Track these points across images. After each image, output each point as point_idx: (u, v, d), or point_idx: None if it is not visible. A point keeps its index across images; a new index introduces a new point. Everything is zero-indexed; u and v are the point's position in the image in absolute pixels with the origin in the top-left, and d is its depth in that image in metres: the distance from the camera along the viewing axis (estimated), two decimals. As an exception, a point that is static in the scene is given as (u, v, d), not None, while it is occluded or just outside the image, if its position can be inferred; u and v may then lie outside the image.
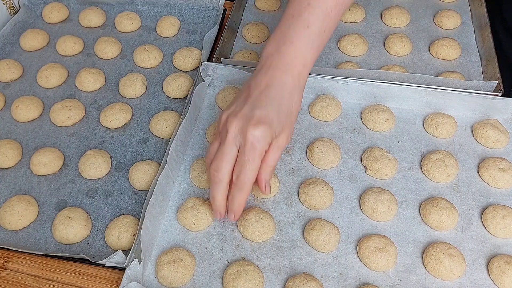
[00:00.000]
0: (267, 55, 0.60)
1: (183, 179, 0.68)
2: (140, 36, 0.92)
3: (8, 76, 0.84)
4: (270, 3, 0.95)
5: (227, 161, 0.55)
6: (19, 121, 0.78)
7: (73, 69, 0.86)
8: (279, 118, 0.56)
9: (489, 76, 0.79)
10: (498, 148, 0.70)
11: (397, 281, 0.58)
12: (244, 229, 0.61)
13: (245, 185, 0.55)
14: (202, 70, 0.78)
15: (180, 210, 0.64)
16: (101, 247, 0.63)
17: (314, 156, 0.69)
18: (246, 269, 0.57)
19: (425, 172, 0.68)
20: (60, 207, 0.67)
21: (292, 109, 0.58)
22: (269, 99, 0.56)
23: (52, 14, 0.95)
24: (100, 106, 0.80)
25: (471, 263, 0.59)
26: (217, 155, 0.56)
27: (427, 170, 0.67)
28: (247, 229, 0.61)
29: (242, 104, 0.57)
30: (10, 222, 0.64)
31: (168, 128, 0.74)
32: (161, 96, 0.81)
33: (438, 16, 0.91)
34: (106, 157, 0.71)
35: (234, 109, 0.57)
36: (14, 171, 0.71)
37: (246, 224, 0.61)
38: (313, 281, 0.56)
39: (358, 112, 0.76)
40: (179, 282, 0.58)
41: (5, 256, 0.62)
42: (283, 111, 0.56)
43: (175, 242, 0.62)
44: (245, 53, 0.85)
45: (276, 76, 0.57)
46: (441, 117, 0.72)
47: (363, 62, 0.84)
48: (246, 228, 0.61)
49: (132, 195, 0.68)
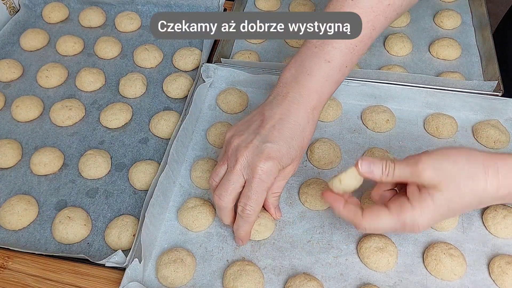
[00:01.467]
0: (285, 82, 0.59)
1: (184, 180, 0.68)
2: (140, 36, 0.92)
3: (8, 76, 0.84)
4: (270, 3, 0.95)
5: (232, 190, 0.55)
6: (19, 121, 0.78)
7: (73, 69, 0.86)
8: (289, 153, 0.55)
9: (489, 76, 0.79)
10: (499, 149, 0.70)
11: (397, 282, 0.58)
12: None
13: (250, 217, 0.56)
14: (203, 71, 0.78)
15: (180, 210, 0.64)
16: (101, 247, 0.63)
17: (315, 156, 0.69)
18: (246, 269, 0.57)
19: (425, 172, 0.67)
20: (60, 207, 0.67)
21: (303, 143, 0.57)
22: (281, 134, 0.55)
23: (52, 14, 0.94)
24: (100, 106, 0.80)
25: (472, 263, 0.59)
26: (223, 182, 0.56)
27: (428, 170, 0.67)
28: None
29: (253, 134, 0.56)
30: (10, 222, 0.64)
31: (168, 128, 0.74)
32: (161, 96, 0.81)
33: (438, 16, 0.91)
34: (106, 157, 0.71)
35: (245, 138, 0.56)
36: (14, 171, 0.71)
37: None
38: (313, 281, 0.56)
39: (359, 112, 0.76)
40: (179, 282, 0.57)
41: (5, 256, 0.62)
42: (294, 146, 0.56)
43: (175, 242, 0.62)
44: (245, 53, 0.85)
45: (291, 110, 0.56)
46: (442, 118, 0.72)
47: (363, 62, 0.84)
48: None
49: (132, 195, 0.68)
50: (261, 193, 0.54)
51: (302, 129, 0.57)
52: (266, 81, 0.78)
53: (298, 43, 0.88)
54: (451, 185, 0.48)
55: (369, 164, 0.51)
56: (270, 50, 0.88)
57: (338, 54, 0.58)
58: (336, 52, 0.57)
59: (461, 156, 0.49)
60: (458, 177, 0.48)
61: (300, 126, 0.56)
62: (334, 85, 0.59)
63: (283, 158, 0.55)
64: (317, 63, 0.57)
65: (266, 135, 0.55)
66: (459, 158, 0.49)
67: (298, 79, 0.58)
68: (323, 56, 0.57)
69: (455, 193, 0.48)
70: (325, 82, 0.58)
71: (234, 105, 0.76)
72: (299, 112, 0.56)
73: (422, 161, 0.49)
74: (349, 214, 0.53)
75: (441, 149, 0.51)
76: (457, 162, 0.49)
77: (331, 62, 0.57)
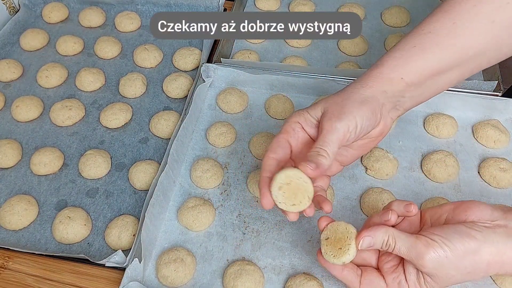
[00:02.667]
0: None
1: (184, 179, 0.68)
2: (140, 36, 0.92)
3: (8, 76, 0.84)
4: (270, 3, 0.95)
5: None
6: (19, 121, 0.78)
7: (73, 69, 0.86)
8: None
9: (489, 76, 0.79)
10: (499, 148, 0.70)
11: (397, 281, 0.58)
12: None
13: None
14: (203, 71, 0.78)
15: (180, 210, 0.64)
16: (101, 247, 0.63)
17: (315, 156, 0.69)
18: (246, 268, 0.57)
19: (425, 172, 0.68)
20: (60, 207, 0.67)
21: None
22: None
23: (52, 14, 0.94)
24: (100, 105, 0.80)
25: (471, 263, 0.59)
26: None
27: (428, 170, 0.67)
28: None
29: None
30: (10, 222, 0.64)
31: (168, 128, 0.74)
32: (161, 96, 0.81)
33: (438, 16, 0.91)
34: (106, 157, 0.71)
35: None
36: (14, 171, 0.71)
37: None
38: (313, 281, 0.56)
39: (359, 112, 0.76)
40: (180, 282, 0.58)
41: (5, 256, 0.62)
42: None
43: (175, 242, 0.62)
44: (245, 53, 0.85)
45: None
46: (442, 117, 0.72)
47: (363, 62, 0.84)
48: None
49: (132, 195, 0.68)
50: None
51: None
52: (266, 81, 0.78)
53: (298, 43, 0.88)
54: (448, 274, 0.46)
55: (369, 242, 0.48)
56: (270, 50, 0.88)
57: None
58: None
59: (468, 257, 0.45)
60: (458, 271, 0.46)
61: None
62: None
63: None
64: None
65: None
66: (465, 259, 0.45)
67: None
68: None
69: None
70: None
71: (234, 105, 0.76)
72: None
73: (429, 257, 0.45)
74: (346, 280, 0.51)
75: (453, 242, 0.45)
76: (462, 261, 0.45)
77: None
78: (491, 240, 0.45)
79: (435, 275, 0.46)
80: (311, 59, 0.85)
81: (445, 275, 0.46)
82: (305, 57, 0.85)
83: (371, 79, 0.53)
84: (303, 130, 0.54)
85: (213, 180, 0.67)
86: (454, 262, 0.45)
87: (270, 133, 0.72)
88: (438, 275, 0.46)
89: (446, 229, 0.46)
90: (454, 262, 0.45)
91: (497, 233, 0.45)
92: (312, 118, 0.53)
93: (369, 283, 0.50)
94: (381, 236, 0.48)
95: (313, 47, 0.88)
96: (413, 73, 0.53)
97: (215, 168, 0.68)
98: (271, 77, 0.77)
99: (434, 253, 0.45)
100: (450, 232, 0.46)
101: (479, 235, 0.45)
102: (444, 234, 0.45)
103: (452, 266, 0.45)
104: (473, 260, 0.45)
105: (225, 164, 0.70)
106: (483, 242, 0.45)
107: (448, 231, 0.46)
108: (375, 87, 0.53)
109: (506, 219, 0.47)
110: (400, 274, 0.49)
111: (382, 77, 0.53)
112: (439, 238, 0.45)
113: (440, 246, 0.45)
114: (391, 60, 0.53)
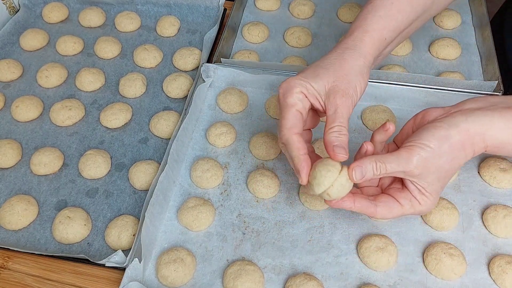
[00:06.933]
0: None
1: (184, 179, 0.68)
2: (140, 36, 0.92)
3: (8, 76, 0.84)
4: (270, 3, 0.95)
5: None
6: (19, 121, 0.78)
7: (73, 69, 0.86)
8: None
9: (489, 76, 0.79)
10: (499, 148, 0.70)
11: (398, 281, 0.58)
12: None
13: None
14: (202, 71, 0.78)
15: (180, 210, 0.64)
16: (101, 247, 0.63)
17: (315, 156, 0.69)
18: (246, 268, 0.57)
19: (425, 172, 0.68)
20: (60, 207, 0.67)
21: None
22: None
23: (52, 14, 0.94)
24: (100, 106, 0.80)
25: (472, 262, 0.59)
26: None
27: (428, 170, 0.67)
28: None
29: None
30: (10, 222, 0.64)
31: (168, 128, 0.74)
32: (161, 96, 0.81)
33: (438, 16, 0.91)
34: (106, 157, 0.71)
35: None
36: (14, 171, 0.71)
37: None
38: (313, 281, 0.56)
39: (359, 112, 0.76)
40: (180, 282, 0.58)
41: (5, 256, 0.62)
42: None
43: (175, 242, 0.62)
44: (245, 53, 0.85)
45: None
46: (442, 117, 0.72)
47: (363, 62, 0.84)
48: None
49: (132, 195, 0.68)
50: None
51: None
52: (266, 81, 0.78)
53: (298, 43, 0.88)
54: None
55: (361, 171, 0.52)
56: (270, 50, 0.88)
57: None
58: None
59: (443, 144, 0.51)
60: (442, 159, 0.52)
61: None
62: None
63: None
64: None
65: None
66: (442, 147, 0.51)
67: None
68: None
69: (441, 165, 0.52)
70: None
71: (234, 105, 0.76)
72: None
73: (416, 159, 0.51)
74: (362, 209, 0.55)
75: (426, 138, 0.52)
76: (441, 148, 0.51)
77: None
78: (454, 123, 0.52)
79: (426, 173, 0.52)
80: (311, 59, 0.85)
81: (436, 168, 0.52)
82: (305, 57, 0.85)
83: (368, 46, 0.60)
84: (306, 99, 0.56)
85: (213, 180, 0.67)
86: (436, 152, 0.51)
87: (270, 133, 0.72)
88: (429, 172, 0.52)
89: (416, 133, 0.53)
90: (436, 152, 0.51)
91: (455, 117, 0.53)
92: (315, 92, 0.56)
93: (384, 205, 0.55)
94: (368, 161, 0.52)
95: (313, 47, 0.88)
96: (391, 31, 0.62)
97: (215, 168, 0.68)
98: (271, 77, 0.77)
99: (417, 153, 0.51)
100: (419, 133, 0.53)
101: (443, 124, 0.52)
102: (416, 137, 0.52)
103: (436, 156, 0.51)
104: (449, 144, 0.51)
105: (225, 164, 0.70)
106: (447, 127, 0.52)
107: (418, 133, 0.53)
108: (370, 54, 0.60)
109: (457, 107, 0.56)
110: (407, 193, 0.54)
111: (374, 43, 0.60)
112: (414, 141, 0.52)
113: (418, 146, 0.51)
114: (376, 22, 0.61)
